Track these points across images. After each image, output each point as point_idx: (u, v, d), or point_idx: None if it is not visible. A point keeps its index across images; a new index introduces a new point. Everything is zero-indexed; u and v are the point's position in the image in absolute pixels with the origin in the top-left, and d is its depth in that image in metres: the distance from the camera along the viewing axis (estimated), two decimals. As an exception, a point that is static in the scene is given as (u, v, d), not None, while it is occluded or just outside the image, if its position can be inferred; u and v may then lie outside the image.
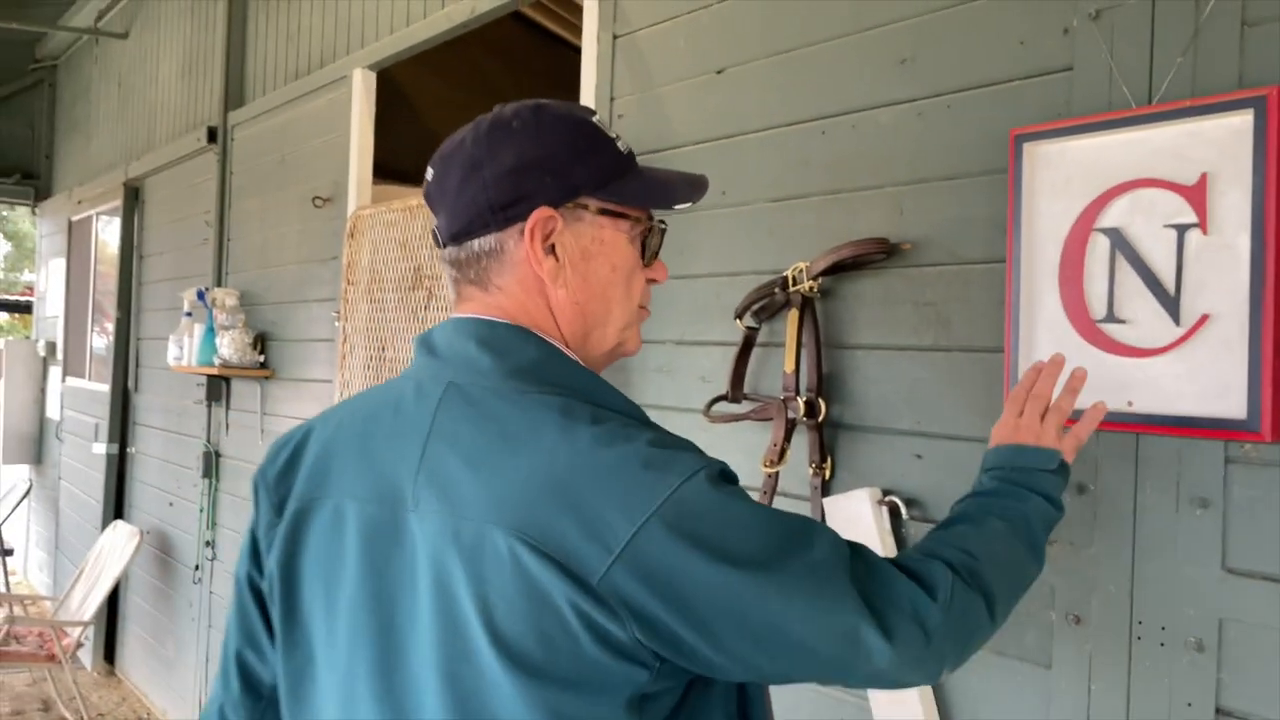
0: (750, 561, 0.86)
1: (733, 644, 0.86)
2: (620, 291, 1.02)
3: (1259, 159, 1.21)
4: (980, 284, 1.55)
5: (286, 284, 3.71)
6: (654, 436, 0.91)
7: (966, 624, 0.97)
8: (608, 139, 1.01)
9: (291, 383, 3.65)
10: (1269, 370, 1.21)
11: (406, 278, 2.85)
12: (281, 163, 3.81)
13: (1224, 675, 1.27)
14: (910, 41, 1.67)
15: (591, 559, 0.83)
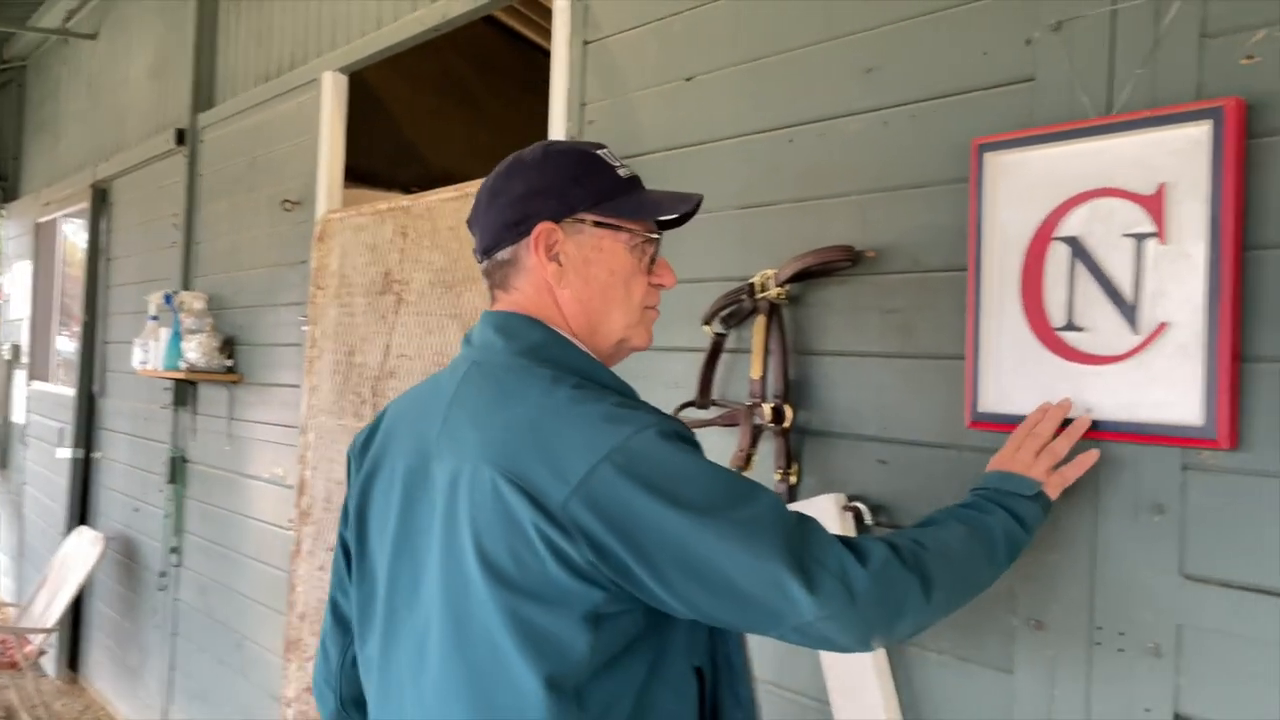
0: (690, 504, 1.02)
1: (672, 576, 1.02)
2: (620, 293, 1.20)
3: (1216, 169, 1.23)
4: (943, 292, 1.56)
5: (255, 288, 3.68)
6: (623, 400, 1.11)
7: (895, 596, 1.07)
8: (608, 166, 1.22)
9: (259, 387, 3.61)
10: (1225, 378, 1.22)
11: (376, 282, 2.83)
12: (251, 165, 3.78)
13: (1182, 680, 1.28)
14: (876, 51, 1.68)
15: (554, 490, 1.02)
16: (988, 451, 1.48)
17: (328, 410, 3.01)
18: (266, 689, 3.43)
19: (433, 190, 2.64)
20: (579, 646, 1.05)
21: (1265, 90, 1.23)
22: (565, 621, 1.05)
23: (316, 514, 3.03)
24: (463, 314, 2.47)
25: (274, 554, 3.42)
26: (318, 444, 3.05)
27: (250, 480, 3.64)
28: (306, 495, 3.08)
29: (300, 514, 3.10)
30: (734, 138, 1.93)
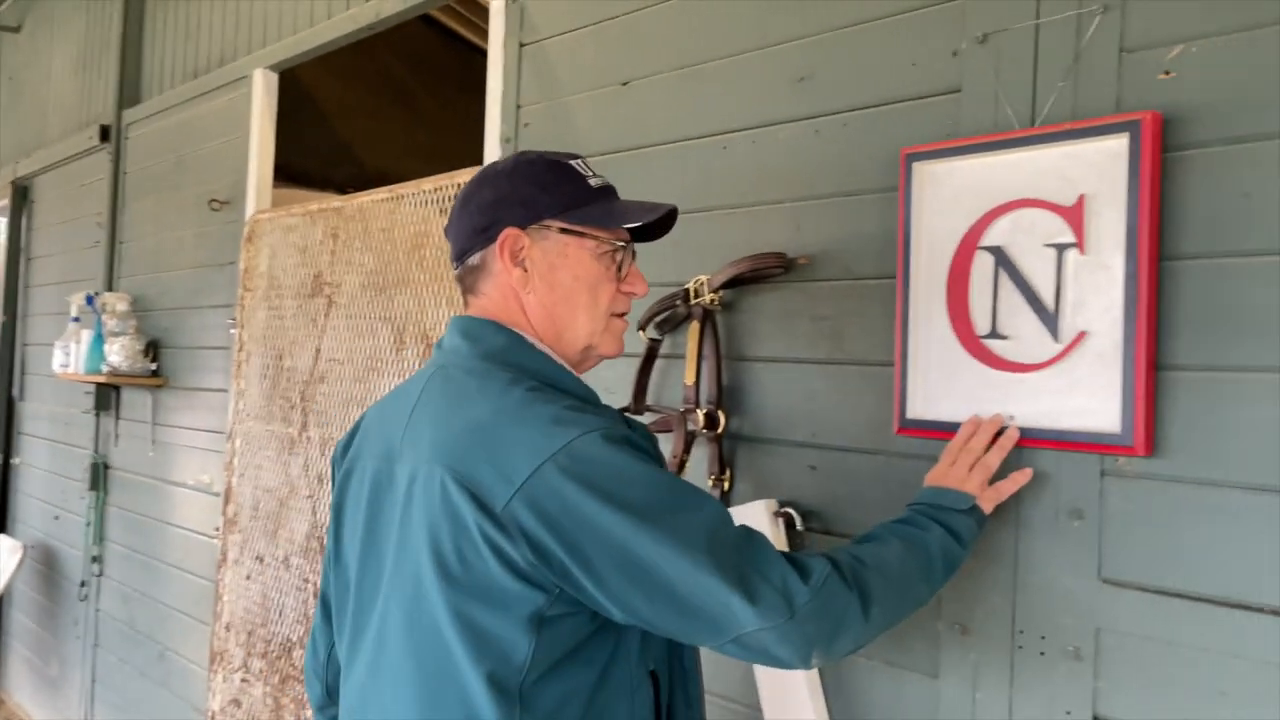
0: (631, 508, 1.03)
1: (610, 580, 1.03)
2: (585, 299, 1.22)
3: (1133, 181, 1.26)
4: (873, 299, 1.58)
5: (181, 289, 3.59)
6: (576, 404, 1.12)
7: (835, 612, 1.08)
8: (579, 175, 1.24)
9: (185, 391, 3.52)
10: (1141, 386, 1.25)
11: (306, 284, 2.78)
12: (178, 164, 3.68)
13: (1100, 683, 1.31)
14: (808, 60, 1.69)
15: (498, 491, 1.04)
16: (915, 458, 1.50)
17: (256, 415, 2.95)
18: (190, 701, 3.33)
19: (365, 191, 2.59)
20: (522, 648, 1.07)
21: (1181, 105, 1.26)
22: (508, 623, 1.07)
23: (243, 522, 2.95)
24: (395, 317, 2.44)
25: (199, 563, 3.33)
26: (245, 450, 2.98)
27: (175, 487, 3.54)
28: (233, 503, 3.01)
29: (226, 522, 3.03)
30: (669, 143, 1.93)
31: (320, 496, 2.63)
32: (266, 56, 3.22)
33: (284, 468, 2.79)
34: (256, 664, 2.84)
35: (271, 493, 2.84)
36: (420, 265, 2.37)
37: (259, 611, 2.85)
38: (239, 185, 3.26)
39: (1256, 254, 1.20)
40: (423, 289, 2.36)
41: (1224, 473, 1.22)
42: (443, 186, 2.32)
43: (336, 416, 2.60)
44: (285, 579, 2.74)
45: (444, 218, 2.32)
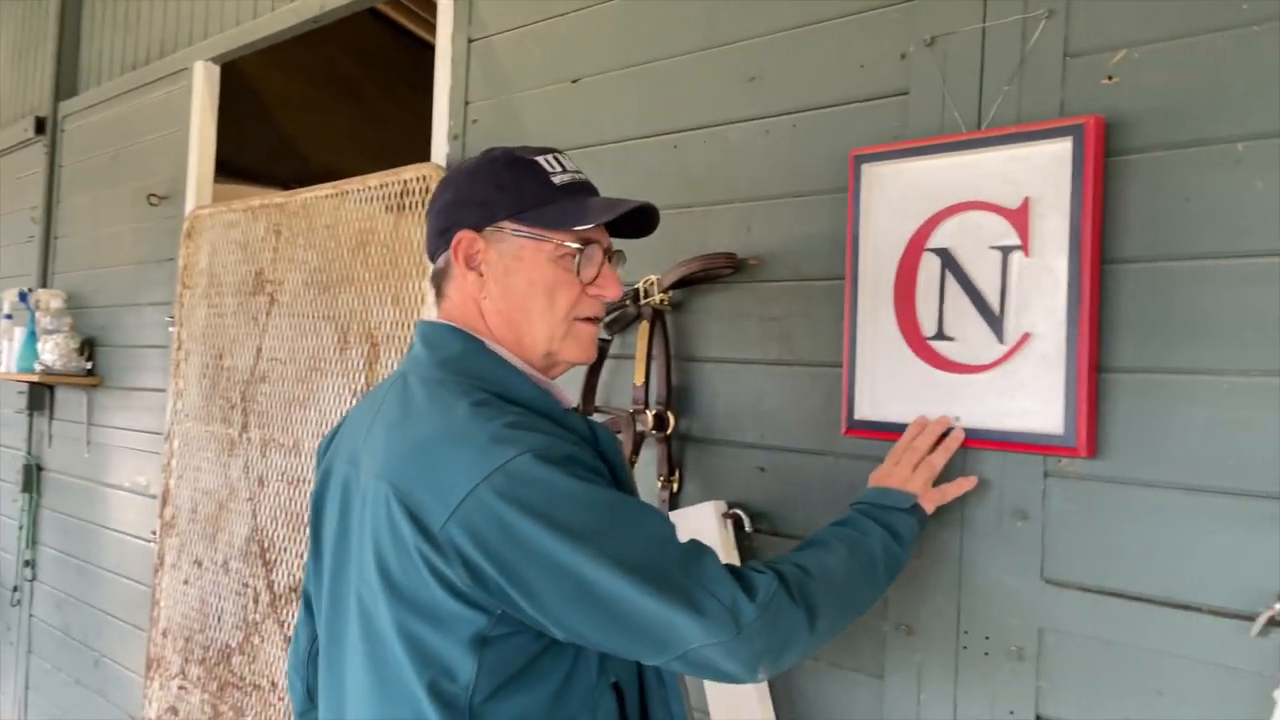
0: (569, 529, 1.01)
1: (549, 601, 1.01)
2: (540, 303, 1.17)
3: (1076, 185, 1.27)
4: (821, 300, 1.57)
5: (118, 286, 3.49)
6: (518, 420, 1.08)
7: (781, 628, 1.06)
8: (542, 173, 1.18)
9: (121, 391, 3.42)
10: (1084, 388, 1.26)
11: (247, 282, 2.71)
12: (115, 158, 3.59)
13: (1043, 683, 1.32)
14: (759, 60, 1.69)
15: (435, 512, 1.03)
16: (863, 459, 1.50)
17: (194, 416, 2.87)
18: (126, 709, 3.25)
19: (309, 187, 2.54)
20: (466, 668, 1.05)
21: (1124, 109, 1.27)
22: (450, 643, 1.05)
23: (181, 525, 2.88)
24: (338, 316, 2.39)
25: (135, 567, 3.25)
26: (183, 451, 2.91)
27: (111, 490, 3.45)
28: (170, 505, 2.93)
29: (164, 525, 2.95)
30: (619, 142, 1.91)
31: (260, 499, 2.57)
32: (208, 48, 3.15)
33: (223, 469, 2.73)
34: (194, 671, 2.77)
35: (210, 495, 2.77)
36: (365, 263, 2.33)
37: (197, 617, 2.78)
38: (179, 180, 3.18)
39: (1195, 258, 1.22)
40: (368, 287, 2.32)
41: (1164, 474, 1.23)
42: (389, 183, 2.28)
43: (278, 417, 2.54)
44: (224, 583, 2.68)
45: (390, 214, 2.28)
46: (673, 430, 1.76)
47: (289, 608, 2.44)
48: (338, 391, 2.36)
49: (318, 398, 2.42)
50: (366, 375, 2.29)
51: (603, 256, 1.21)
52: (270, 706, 2.46)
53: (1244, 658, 1.16)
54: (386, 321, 2.26)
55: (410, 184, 2.22)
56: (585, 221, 1.17)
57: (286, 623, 2.44)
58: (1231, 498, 1.18)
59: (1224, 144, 1.20)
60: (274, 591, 2.49)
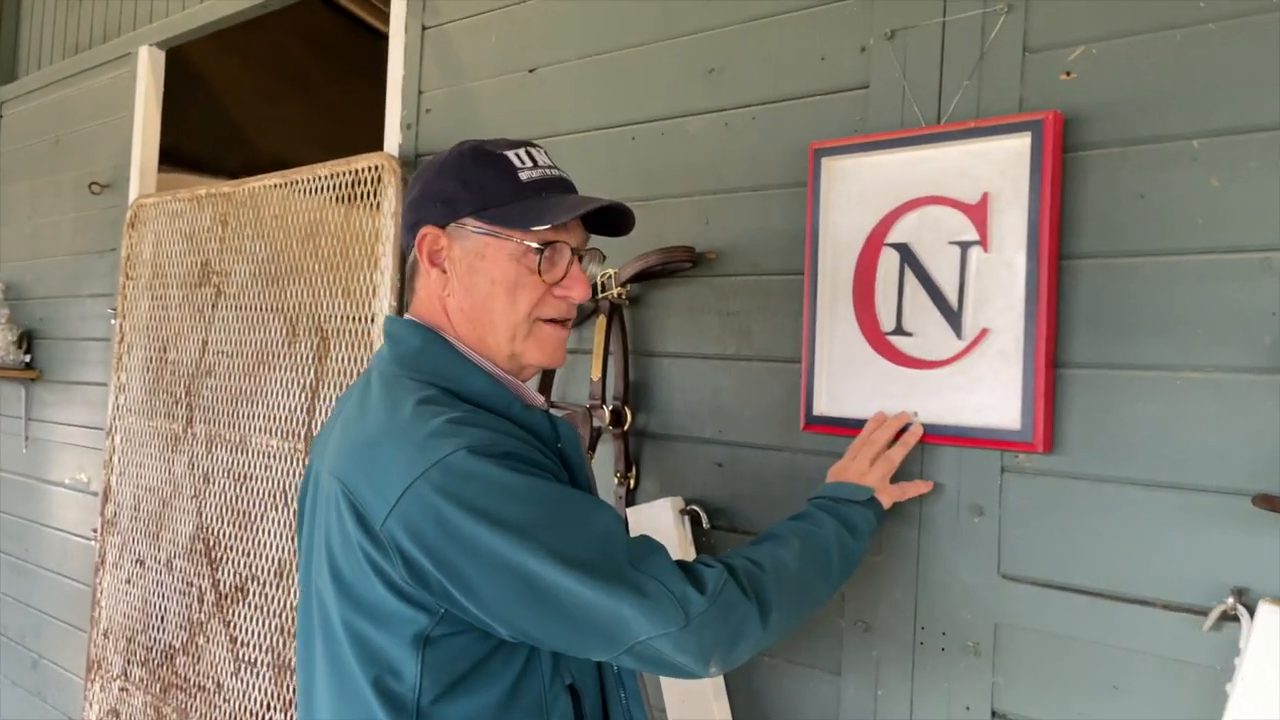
0: (509, 524, 0.99)
1: (491, 598, 1.00)
2: (501, 303, 1.14)
3: (1035, 180, 1.27)
4: (780, 295, 1.56)
5: (58, 277, 3.38)
6: (461, 417, 1.06)
7: (732, 622, 1.04)
8: (510, 169, 1.15)
9: (62, 385, 3.32)
10: (1041, 383, 1.26)
11: (193, 273, 2.64)
12: (56, 145, 3.48)
13: (998, 678, 1.32)
14: (718, 52, 1.67)
15: (376, 509, 1.02)
16: (821, 454, 1.49)
17: (137, 411, 2.79)
18: (66, 712, 3.15)
19: (256, 176, 2.48)
20: (410, 668, 1.04)
21: (1082, 105, 1.28)
22: (394, 642, 1.05)
23: (123, 523, 2.80)
24: (288, 308, 2.33)
25: (75, 566, 3.15)
26: (125, 447, 2.83)
27: (50, 486, 3.34)
28: (112, 503, 2.85)
29: (105, 523, 2.87)
30: (576, 133, 1.88)
31: (206, 496, 2.50)
32: (153, 33, 3.06)
33: (167, 465, 2.65)
34: (137, 672, 2.69)
35: (154, 492, 2.69)
36: (315, 254, 2.27)
37: (140, 617, 2.70)
38: (122, 168, 3.09)
39: (1151, 254, 1.22)
40: (317, 279, 2.26)
41: (1119, 469, 1.24)
42: (339, 173, 2.22)
43: (224, 411, 2.48)
44: (168, 583, 2.60)
45: (340, 205, 2.23)
46: (630, 426, 1.74)
47: (235, 607, 2.38)
48: (286, 386, 2.30)
49: (265, 392, 2.36)
50: (316, 369, 2.23)
51: (570, 256, 1.17)
52: (216, 708, 2.40)
53: (1198, 652, 1.17)
54: (337, 315, 2.21)
55: (362, 174, 2.18)
56: (544, 222, 1.13)
57: (233, 623, 2.38)
58: (1186, 493, 1.19)
59: (1180, 141, 1.21)
60: (219, 591, 2.43)
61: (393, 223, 2.11)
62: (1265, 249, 1.15)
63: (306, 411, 2.24)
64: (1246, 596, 1.14)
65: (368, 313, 2.14)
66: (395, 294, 2.11)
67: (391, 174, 2.12)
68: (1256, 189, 1.16)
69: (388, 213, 2.12)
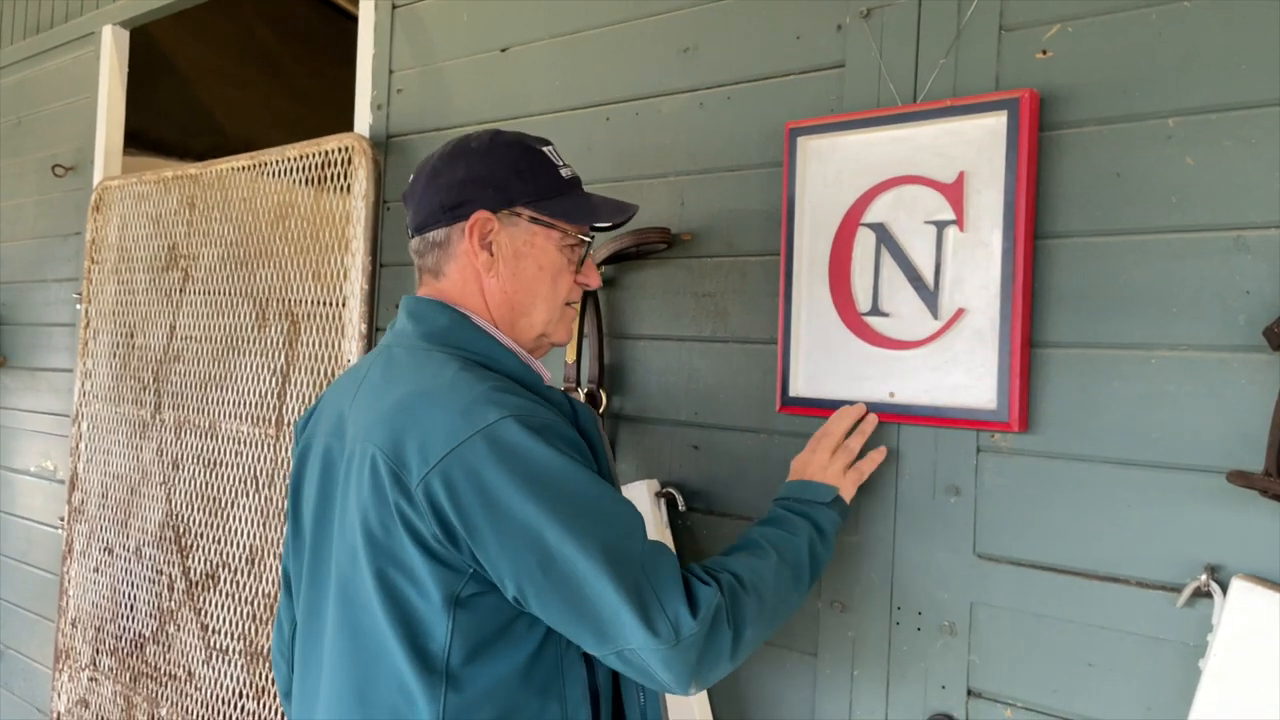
0: (543, 495, 1.03)
1: (505, 558, 1.03)
2: (546, 288, 1.23)
3: (1011, 159, 1.27)
4: (756, 276, 1.55)
5: (20, 261, 3.32)
6: (504, 385, 1.11)
7: (713, 647, 1.08)
8: (551, 165, 1.24)
9: (26, 372, 3.26)
10: (1016, 363, 1.26)
11: (160, 257, 2.60)
12: (17, 126, 3.40)
13: (974, 657, 1.32)
14: (692, 30, 1.66)
15: (415, 467, 1.06)
16: (798, 435, 1.48)
17: (104, 397, 2.75)
18: (34, 703, 3.11)
19: (223, 158, 2.43)
20: (442, 629, 1.08)
21: (1058, 84, 1.27)
22: (427, 602, 1.08)
23: (90, 511, 2.76)
24: (257, 292, 2.30)
25: (42, 555, 3.10)
26: (92, 434, 2.78)
27: (15, 474, 3.29)
28: (79, 490, 2.81)
29: (72, 511, 2.82)
30: (549, 113, 1.86)
31: (175, 483, 2.47)
32: (116, 12, 3.00)
33: (135, 452, 2.61)
34: (106, 661, 2.66)
35: (122, 479, 2.65)
36: (284, 237, 2.24)
37: (108, 605, 2.66)
38: (86, 150, 3.03)
39: (1126, 233, 1.23)
40: (287, 262, 2.23)
41: (1094, 448, 1.24)
42: (308, 154, 2.19)
43: (193, 397, 2.44)
44: (137, 571, 2.57)
45: (310, 187, 2.20)
46: (605, 409, 1.73)
47: (206, 595, 2.35)
48: (256, 370, 2.27)
49: (235, 377, 2.32)
50: (286, 353, 2.20)
51: (587, 249, 1.29)
52: (187, 697, 2.37)
53: (1171, 629, 1.17)
54: (307, 298, 2.18)
55: (332, 155, 2.14)
56: (600, 220, 1.27)
57: (203, 610, 2.35)
58: (1159, 471, 1.19)
59: (1156, 119, 1.21)
60: (190, 579, 2.40)
61: (364, 205, 2.08)
62: (1239, 227, 1.15)
63: (277, 396, 2.21)
64: (1220, 573, 1.14)
65: (339, 296, 2.11)
66: (367, 277, 2.08)
67: (362, 155, 2.09)
68: (1231, 167, 1.16)
69: (358, 194, 2.09)
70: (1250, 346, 1.14)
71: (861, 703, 1.41)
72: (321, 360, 2.13)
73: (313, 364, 2.14)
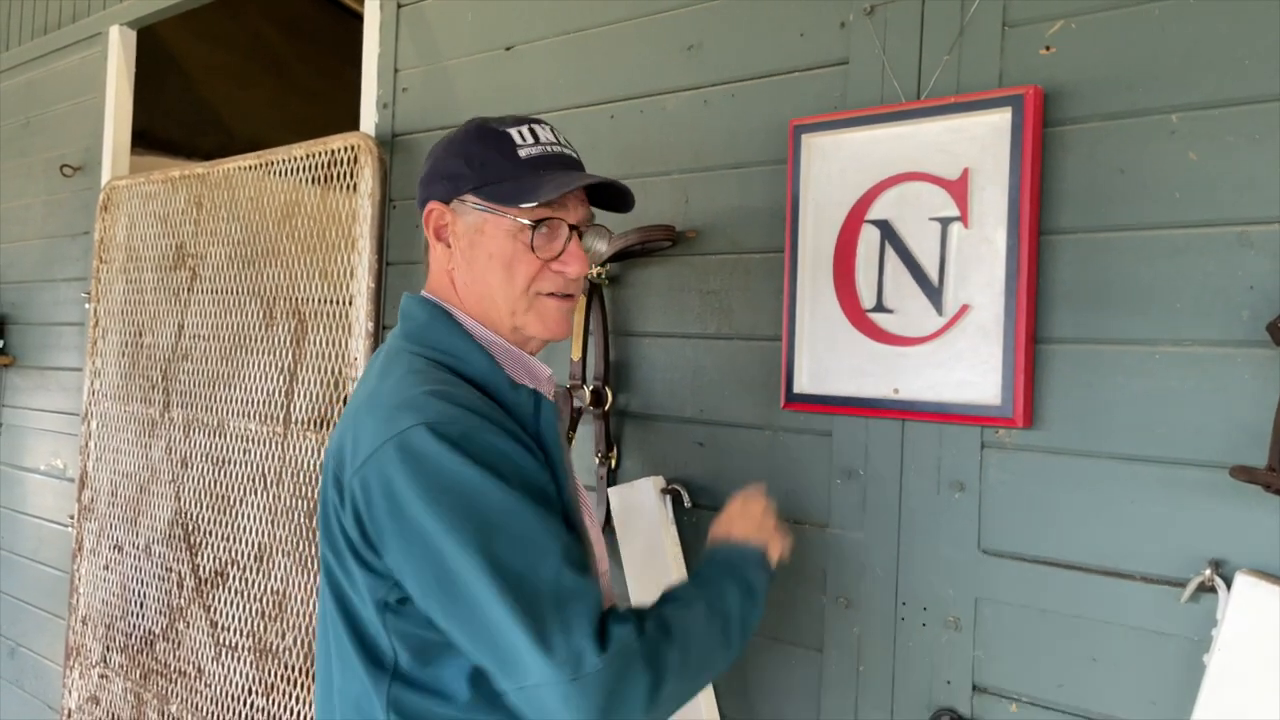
0: (447, 509, 0.99)
1: (406, 569, 1.03)
2: (498, 277, 1.17)
3: (1015, 155, 1.27)
4: (760, 273, 1.56)
5: (29, 261, 3.34)
6: (435, 390, 1.08)
7: (623, 689, 0.98)
8: (510, 146, 1.17)
9: (36, 371, 3.28)
10: (1021, 359, 1.26)
11: (168, 256, 2.61)
12: (25, 126, 3.42)
13: (979, 652, 1.33)
14: (697, 28, 1.66)
15: (347, 471, 1.08)
16: (802, 432, 1.49)
17: (114, 395, 2.76)
18: (45, 700, 3.13)
19: (231, 157, 2.45)
20: (383, 634, 1.08)
21: (1062, 80, 1.27)
22: (366, 607, 1.09)
23: (100, 509, 2.77)
24: (264, 291, 2.31)
25: (52, 553, 3.12)
26: (102, 432, 2.80)
27: (25, 473, 3.31)
28: (89, 489, 2.82)
29: (82, 509, 2.84)
30: (554, 111, 1.87)
31: (184, 481, 2.48)
32: (123, 12, 3.01)
33: (144, 450, 2.63)
34: (116, 658, 2.68)
35: (131, 477, 2.67)
36: (291, 236, 2.25)
37: (119, 603, 2.68)
38: (94, 150, 3.05)
39: (1130, 229, 1.23)
40: (294, 261, 2.24)
41: (1099, 444, 1.24)
42: (314, 153, 2.20)
43: (201, 395, 2.45)
44: (147, 568, 2.58)
45: (316, 185, 2.21)
46: (610, 406, 1.74)
47: (215, 592, 2.36)
48: (264, 369, 2.28)
49: (243, 375, 2.34)
50: (294, 352, 2.21)
51: (568, 232, 1.18)
52: (197, 693, 2.39)
53: (1176, 623, 1.18)
54: (314, 296, 2.19)
55: (338, 154, 2.15)
56: (534, 199, 1.14)
57: (213, 607, 2.37)
58: (1164, 466, 1.20)
59: (1159, 115, 1.21)
60: (199, 576, 2.41)
61: (370, 203, 2.09)
62: (1243, 222, 1.15)
63: (285, 395, 2.22)
64: (1224, 568, 1.14)
65: (345, 294, 2.12)
66: (373, 275, 2.09)
67: (368, 154, 2.10)
68: (1234, 163, 1.16)
69: (365, 193, 2.10)
70: (1254, 342, 1.14)
71: (867, 698, 1.42)
72: (328, 359, 2.14)
73: (320, 362, 2.15)
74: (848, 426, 1.45)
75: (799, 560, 1.49)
